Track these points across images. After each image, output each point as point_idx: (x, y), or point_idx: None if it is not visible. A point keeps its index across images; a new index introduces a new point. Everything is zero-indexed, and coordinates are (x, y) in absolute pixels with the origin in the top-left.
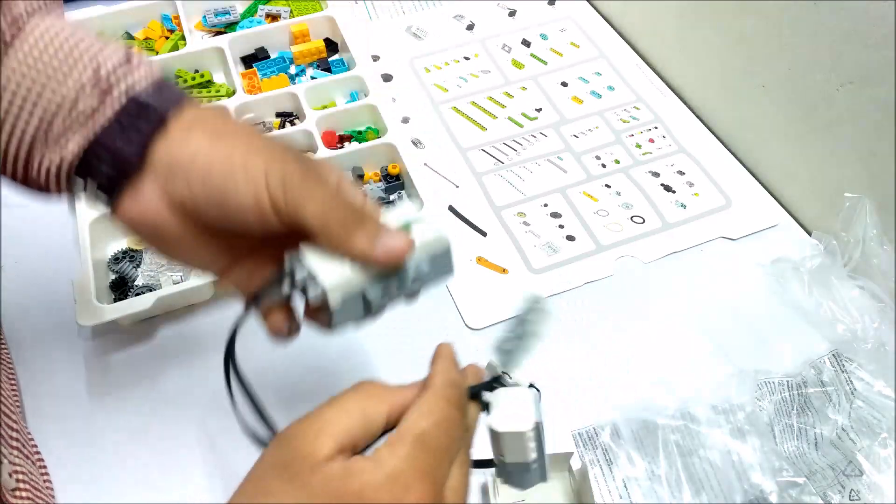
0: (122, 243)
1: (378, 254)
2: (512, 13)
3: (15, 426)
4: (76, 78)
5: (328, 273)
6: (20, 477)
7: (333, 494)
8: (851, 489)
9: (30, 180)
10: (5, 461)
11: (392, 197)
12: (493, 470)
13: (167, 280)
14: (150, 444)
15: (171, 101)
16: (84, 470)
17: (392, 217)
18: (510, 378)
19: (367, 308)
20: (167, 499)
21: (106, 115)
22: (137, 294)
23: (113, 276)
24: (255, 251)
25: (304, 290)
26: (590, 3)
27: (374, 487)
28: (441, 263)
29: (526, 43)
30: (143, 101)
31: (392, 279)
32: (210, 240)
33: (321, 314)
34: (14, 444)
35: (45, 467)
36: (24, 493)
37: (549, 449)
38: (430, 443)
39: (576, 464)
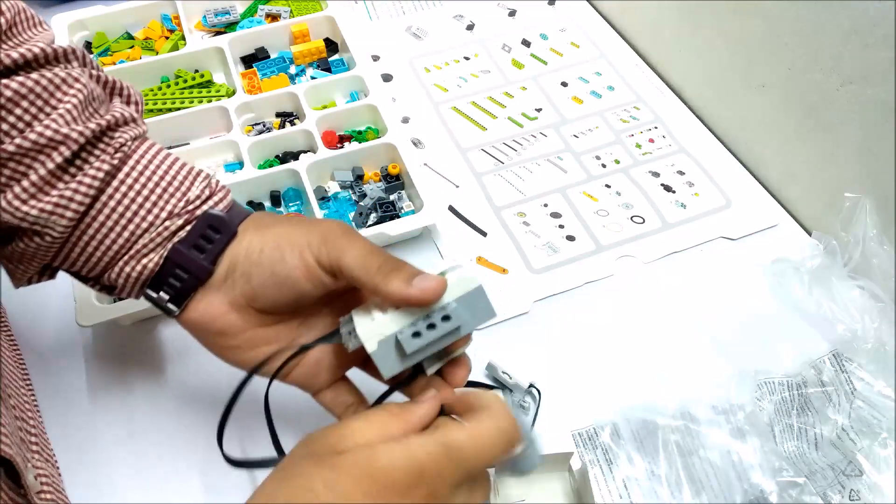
0: None
1: (413, 291)
2: (512, 13)
3: (34, 430)
4: (167, 207)
5: (365, 323)
6: (44, 480)
7: (362, 469)
8: (851, 489)
9: (100, 281)
10: (30, 465)
11: (392, 197)
12: (492, 470)
13: None
14: (150, 443)
15: (240, 216)
16: (84, 469)
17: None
18: (510, 378)
19: (403, 351)
20: (167, 498)
21: (185, 230)
22: None
23: None
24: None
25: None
26: (590, 3)
27: (395, 468)
28: (475, 304)
29: (526, 43)
30: (219, 218)
31: (420, 319)
32: (270, 330)
33: (371, 365)
34: (34, 447)
35: (58, 468)
36: (48, 496)
37: (549, 449)
38: (458, 456)
39: (576, 464)
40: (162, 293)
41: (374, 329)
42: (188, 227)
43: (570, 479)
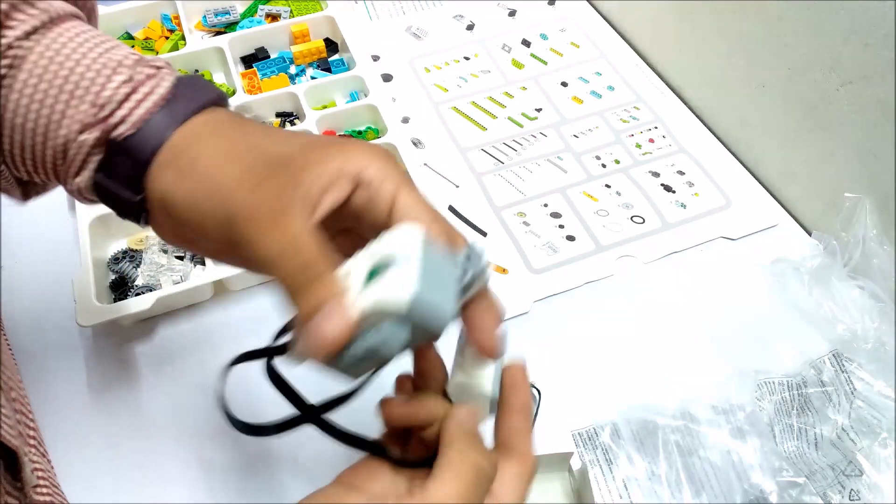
0: (122, 243)
1: (306, 342)
2: (512, 13)
3: (32, 425)
4: (78, 117)
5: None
6: (40, 474)
7: None
8: (851, 489)
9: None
10: (26, 458)
11: None
12: None
13: (167, 280)
14: (150, 443)
15: (160, 132)
16: (84, 469)
17: (376, 249)
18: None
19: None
20: (167, 498)
21: (99, 157)
22: (137, 294)
23: (113, 276)
24: None
25: None
26: (590, 3)
27: None
28: (412, 324)
29: (526, 43)
30: (124, 145)
31: (359, 340)
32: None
33: None
34: (31, 442)
35: (51, 465)
36: (44, 490)
37: (549, 449)
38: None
39: (576, 464)
40: (113, 211)
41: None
42: (101, 150)
43: (570, 479)
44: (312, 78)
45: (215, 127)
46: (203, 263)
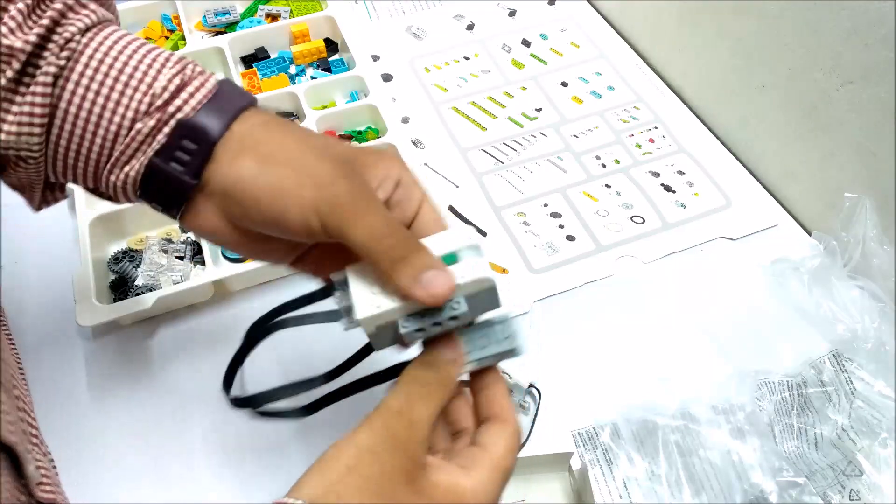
0: (122, 243)
1: (418, 293)
2: (512, 13)
3: (34, 423)
4: (132, 105)
5: (365, 302)
6: (43, 472)
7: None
8: (851, 489)
9: (100, 192)
10: (30, 456)
11: None
12: None
13: (167, 280)
14: (150, 443)
15: (221, 120)
16: (84, 469)
17: (440, 242)
18: (510, 378)
19: (400, 338)
20: (167, 498)
21: (158, 140)
22: (137, 294)
23: (113, 276)
24: (321, 247)
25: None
26: (590, 3)
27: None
28: (484, 300)
29: (526, 43)
30: (191, 125)
31: (427, 316)
32: (272, 244)
33: None
34: (34, 440)
35: (55, 466)
36: (47, 487)
37: (549, 449)
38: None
39: (576, 464)
40: (155, 203)
41: (374, 312)
42: (163, 133)
43: (570, 479)
44: (312, 78)
45: (272, 124)
46: (203, 263)
